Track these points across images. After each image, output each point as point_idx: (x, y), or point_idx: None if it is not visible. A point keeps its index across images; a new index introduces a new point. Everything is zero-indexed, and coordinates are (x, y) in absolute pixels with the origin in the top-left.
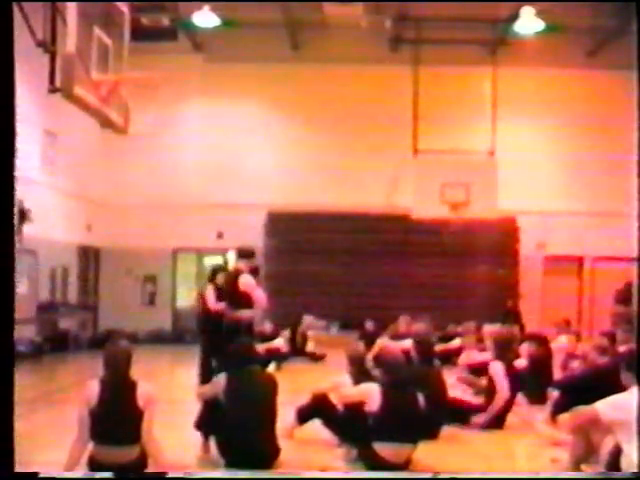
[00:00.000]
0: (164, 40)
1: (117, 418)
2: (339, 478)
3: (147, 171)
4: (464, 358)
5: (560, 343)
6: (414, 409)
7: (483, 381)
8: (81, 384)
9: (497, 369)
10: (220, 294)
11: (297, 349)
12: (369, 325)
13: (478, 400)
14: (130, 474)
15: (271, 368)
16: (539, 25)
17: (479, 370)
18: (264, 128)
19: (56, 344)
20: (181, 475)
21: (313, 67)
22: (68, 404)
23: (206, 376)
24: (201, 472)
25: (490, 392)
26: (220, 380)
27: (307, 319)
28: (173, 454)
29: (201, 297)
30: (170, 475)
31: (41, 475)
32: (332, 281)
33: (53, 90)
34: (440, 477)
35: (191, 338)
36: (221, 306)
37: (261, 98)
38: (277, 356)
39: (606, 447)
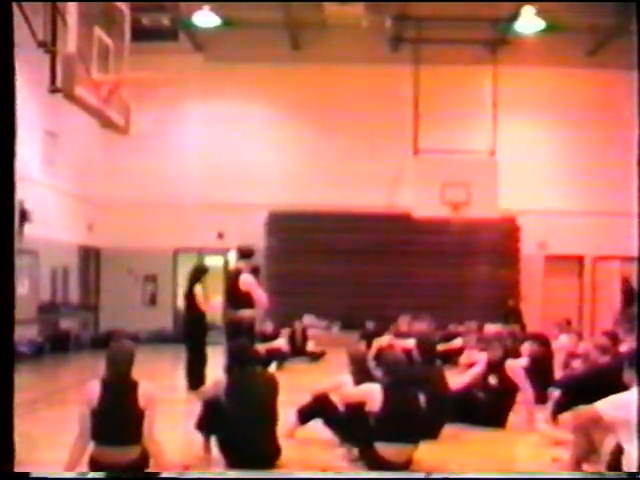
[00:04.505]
0: (164, 40)
1: (118, 418)
2: (340, 478)
3: (148, 171)
4: (465, 358)
5: (561, 342)
6: (415, 409)
7: (492, 380)
8: (82, 384)
9: (515, 368)
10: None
11: (298, 349)
12: (370, 325)
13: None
14: (126, 474)
15: (272, 368)
16: (539, 24)
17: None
18: (264, 128)
19: (57, 344)
20: (175, 475)
21: (313, 67)
22: (69, 404)
23: (195, 377)
24: (196, 472)
25: (503, 391)
26: (221, 380)
27: (308, 319)
28: (174, 454)
29: (187, 298)
30: (164, 475)
31: (34, 475)
32: (333, 281)
33: (54, 90)
34: (433, 477)
35: None
36: (210, 307)
37: (261, 98)
38: (278, 356)
39: (607, 446)
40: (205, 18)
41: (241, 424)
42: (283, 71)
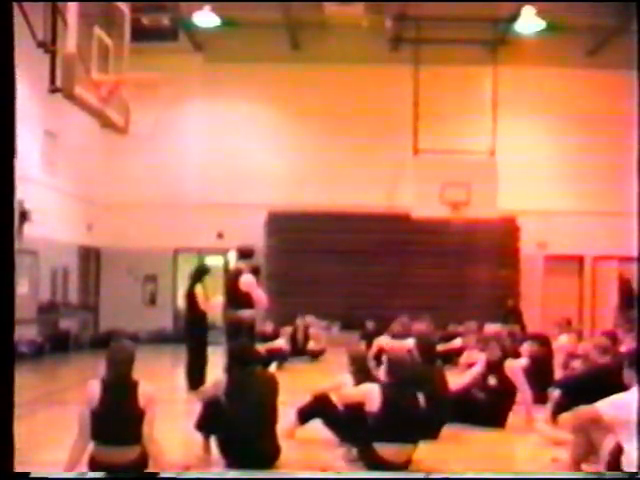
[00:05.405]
0: (164, 40)
1: (118, 418)
2: (340, 478)
3: (147, 171)
4: (465, 358)
5: (561, 342)
6: (414, 409)
7: (492, 381)
8: (82, 384)
9: (513, 368)
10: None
11: (298, 349)
12: (370, 325)
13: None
14: (126, 474)
15: (272, 368)
16: (539, 24)
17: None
18: (264, 128)
19: (57, 344)
20: (175, 475)
21: (313, 67)
22: (69, 404)
23: (195, 377)
24: (196, 472)
25: (502, 392)
26: (221, 380)
27: (308, 319)
28: (174, 454)
29: (188, 298)
30: (164, 475)
31: (34, 475)
32: (333, 281)
33: (54, 90)
34: (433, 477)
35: None
36: (210, 307)
37: (261, 98)
38: (278, 356)
39: (607, 447)
40: (205, 18)
41: (241, 424)
42: (283, 71)
